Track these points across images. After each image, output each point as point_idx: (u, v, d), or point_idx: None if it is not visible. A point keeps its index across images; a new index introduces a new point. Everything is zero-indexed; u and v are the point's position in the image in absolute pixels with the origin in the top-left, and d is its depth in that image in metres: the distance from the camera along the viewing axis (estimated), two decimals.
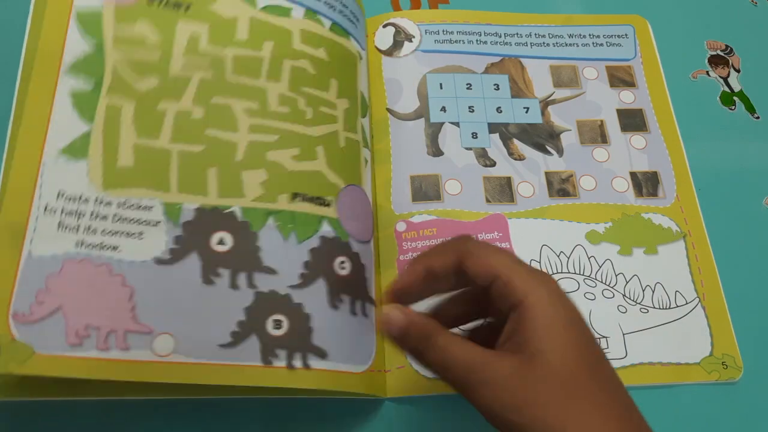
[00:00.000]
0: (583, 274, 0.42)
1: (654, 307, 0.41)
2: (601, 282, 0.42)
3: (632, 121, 0.48)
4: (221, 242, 0.35)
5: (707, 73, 0.52)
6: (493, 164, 0.45)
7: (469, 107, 0.47)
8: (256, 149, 0.37)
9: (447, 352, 0.27)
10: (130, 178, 0.34)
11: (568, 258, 0.42)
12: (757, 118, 0.51)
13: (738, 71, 0.53)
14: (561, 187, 0.45)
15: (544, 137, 0.46)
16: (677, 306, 0.42)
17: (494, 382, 0.26)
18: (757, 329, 0.42)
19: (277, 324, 0.34)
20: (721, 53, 0.53)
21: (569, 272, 0.42)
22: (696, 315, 0.42)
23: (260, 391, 0.35)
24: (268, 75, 0.38)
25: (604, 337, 0.40)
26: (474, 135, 0.46)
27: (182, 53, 0.37)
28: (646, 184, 0.45)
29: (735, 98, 0.51)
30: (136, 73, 0.36)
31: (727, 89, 0.52)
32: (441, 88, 0.47)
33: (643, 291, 0.42)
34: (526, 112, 0.47)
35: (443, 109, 0.47)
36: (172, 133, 0.35)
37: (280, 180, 0.37)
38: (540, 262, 0.42)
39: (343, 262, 0.37)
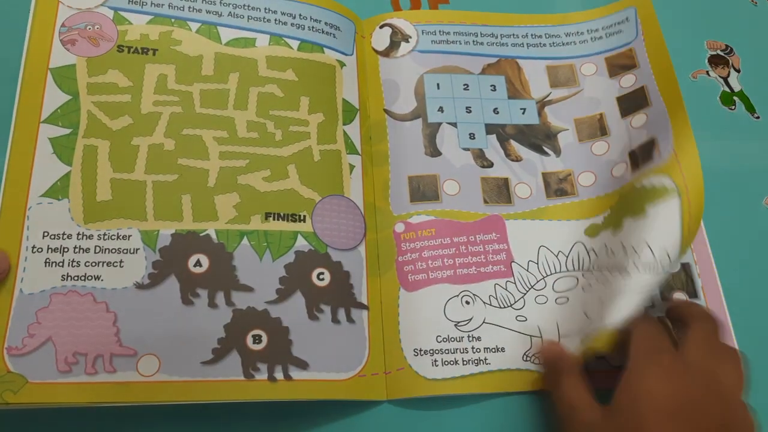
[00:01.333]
0: (582, 269, 0.41)
1: (639, 271, 0.38)
2: (599, 270, 0.41)
3: (632, 103, 0.46)
4: (198, 264, 0.37)
5: (707, 73, 0.52)
6: (491, 165, 0.45)
7: (466, 108, 0.47)
8: (227, 174, 0.39)
9: (562, 391, 0.35)
10: (109, 211, 0.37)
11: (567, 257, 0.42)
12: (757, 118, 0.51)
13: (738, 71, 0.52)
14: (559, 187, 0.45)
15: (540, 138, 0.46)
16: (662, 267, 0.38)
17: (584, 423, 0.34)
18: (757, 330, 0.42)
19: (257, 339, 0.36)
20: (721, 53, 0.53)
21: (567, 270, 0.42)
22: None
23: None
24: (235, 104, 0.41)
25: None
26: (471, 136, 0.46)
27: (152, 92, 0.40)
28: (642, 154, 0.43)
29: (735, 98, 0.51)
30: (109, 115, 0.39)
31: (727, 89, 0.52)
32: (438, 88, 0.47)
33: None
34: (523, 113, 0.47)
35: (440, 109, 0.47)
36: (146, 165, 0.38)
37: (253, 202, 0.39)
38: (537, 263, 0.42)
39: (321, 274, 0.39)
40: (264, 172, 0.40)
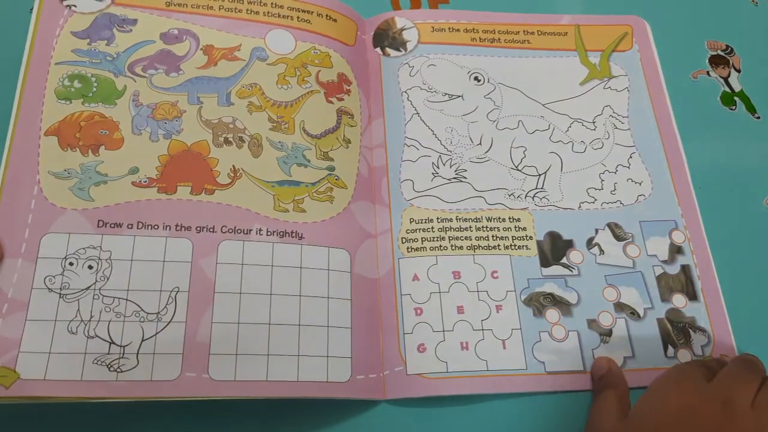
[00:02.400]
0: None
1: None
2: None
3: None
4: None
5: (708, 73, 0.52)
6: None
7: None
8: None
9: (599, 398, 0.38)
10: None
11: None
12: (758, 118, 0.50)
13: (738, 71, 0.52)
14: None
15: None
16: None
17: (603, 429, 0.36)
18: (756, 330, 0.42)
19: None
20: (722, 53, 0.53)
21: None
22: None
23: None
24: None
25: None
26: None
27: None
28: None
29: (735, 98, 0.51)
30: None
31: (727, 89, 0.51)
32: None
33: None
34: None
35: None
36: None
37: None
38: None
39: None
40: None
